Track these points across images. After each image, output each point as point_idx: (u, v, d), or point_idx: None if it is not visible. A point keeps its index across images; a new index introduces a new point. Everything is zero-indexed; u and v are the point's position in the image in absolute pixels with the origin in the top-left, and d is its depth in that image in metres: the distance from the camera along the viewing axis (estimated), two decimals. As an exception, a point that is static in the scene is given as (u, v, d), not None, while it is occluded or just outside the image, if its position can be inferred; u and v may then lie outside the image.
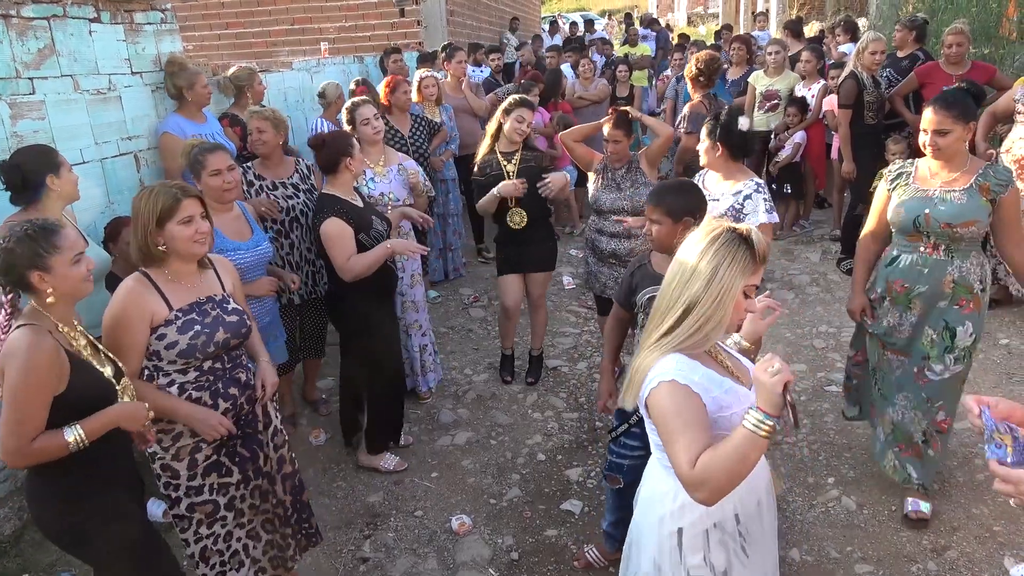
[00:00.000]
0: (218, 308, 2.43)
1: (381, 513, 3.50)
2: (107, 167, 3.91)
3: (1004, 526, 3.15)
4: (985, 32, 7.03)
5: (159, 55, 4.31)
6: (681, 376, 1.69)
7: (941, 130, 2.87)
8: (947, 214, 2.90)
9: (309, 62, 6.77)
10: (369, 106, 4.12)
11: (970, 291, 2.97)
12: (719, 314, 1.69)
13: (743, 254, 1.69)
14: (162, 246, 2.31)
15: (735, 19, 20.25)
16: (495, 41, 11.94)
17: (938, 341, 3.03)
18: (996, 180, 2.86)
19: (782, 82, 6.72)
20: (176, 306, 2.33)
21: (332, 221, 3.36)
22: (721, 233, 1.73)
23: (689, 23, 29.13)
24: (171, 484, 2.43)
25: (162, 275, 2.35)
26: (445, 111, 6.23)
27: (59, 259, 1.99)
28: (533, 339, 4.72)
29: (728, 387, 1.76)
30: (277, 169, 3.91)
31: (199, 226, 2.34)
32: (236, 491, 2.52)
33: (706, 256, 1.71)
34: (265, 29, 9.82)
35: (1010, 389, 4.20)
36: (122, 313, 2.27)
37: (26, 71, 3.42)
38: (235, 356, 2.51)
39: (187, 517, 2.46)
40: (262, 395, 2.57)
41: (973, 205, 2.87)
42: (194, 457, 2.41)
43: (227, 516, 2.51)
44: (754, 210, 3.28)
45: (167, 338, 2.29)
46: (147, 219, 2.28)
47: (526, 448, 3.98)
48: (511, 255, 4.39)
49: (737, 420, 1.65)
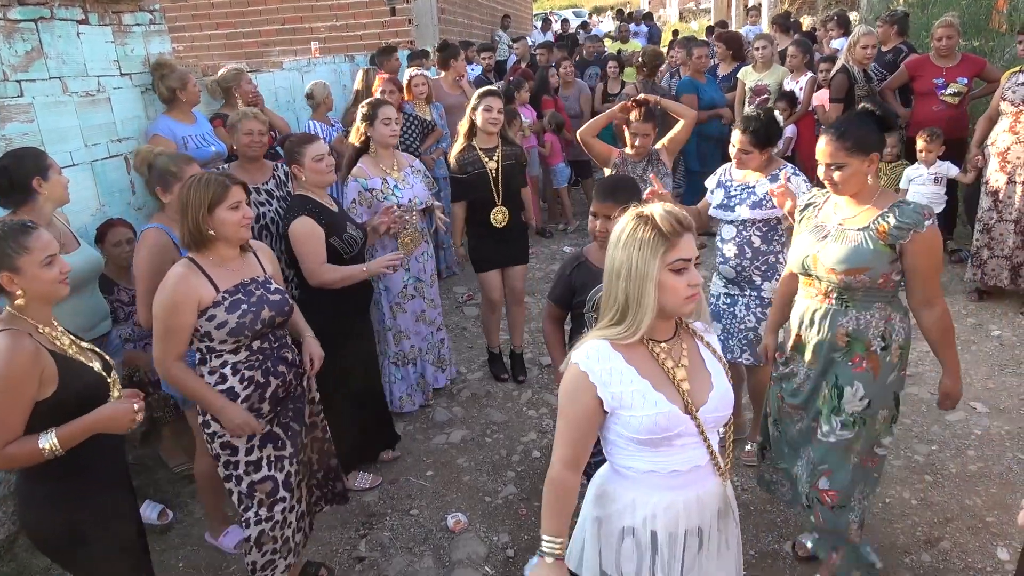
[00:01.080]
0: (262, 288, 2.56)
1: (377, 512, 3.50)
2: (97, 169, 3.89)
3: (997, 517, 3.16)
4: (975, 25, 7.04)
5: (148, 56, 4.29)
6: (584, 363, 1.71)
7: (834, 163, 2.44)
8: (833, 258, 2.45)
9: (300, 62, 6.75)
10: (391, 107, 3.95)
11: (867, 347, 2.49)
12: (644, 301, 1.66)
13: (649, 234, 1.66)
14: (211, 231, 2.43)
15: (727, 14, 20.25)
16: (486, 39, 11.94)
17: (828, 399, 2.59)
18: (898, 223, 2.35)
19: (771, 76, 6.73)
20: (223, 288, 2.45)
21: (302, 220, 3.28)
22: (625, 224, 1.71)
23: (681, 19, 29.15)
24: (230, 463, 2.55)
25: (207, 260, 2.48)
26: (436, 109, 6.22)
27: (28, 260, 1.97)
28: (514, 336, 4.72)
29: (639, 388, 1.71)
30: (255, 174, 3.76)
31: (245, 211, 2.48)
32: (290, 465, 2.65)
33: (617, 251, 1.70)
34: (256, 29, 9.79)
35: (1002, 380, 4.22)
36: (172, 297, 2.38)
37: (14, 74, 3.40)
38: (280, 336, 2.65)
39: (249, 495, 2.58)
40: (311, 367, 2.77)
41: (865, 250, 2.40)
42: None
43: (285, 497, 2.63)
44: (797, 189, 3.14)
45: (216, 318, 2.42)
46: (198, 205, 2.40)
47: (521, 445, 3.98)
48: (490, 252, 4.40)
49: (635, 424, 1.70)
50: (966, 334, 4.78)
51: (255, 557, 2.62)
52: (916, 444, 3.70)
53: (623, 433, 1.74)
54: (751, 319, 3.41)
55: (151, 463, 3.87)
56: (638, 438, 1.72)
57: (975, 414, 3.92)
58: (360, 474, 3.72)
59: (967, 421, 3.86)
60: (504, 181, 4.21)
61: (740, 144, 3.24)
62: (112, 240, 3.58)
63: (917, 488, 3.39)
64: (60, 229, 3.08)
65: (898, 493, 3.36)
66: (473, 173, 4.21)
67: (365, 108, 3.93)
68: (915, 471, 3.51)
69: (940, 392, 2.58)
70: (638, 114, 3.88)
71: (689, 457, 1.76)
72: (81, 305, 3.09)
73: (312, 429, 2.89)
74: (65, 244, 3.06)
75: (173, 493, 3.70)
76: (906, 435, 3.78)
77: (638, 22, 15.69)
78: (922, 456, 3.61)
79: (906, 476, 3.47)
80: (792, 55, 6.65)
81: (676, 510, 1.77)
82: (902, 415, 3.92)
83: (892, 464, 3.55)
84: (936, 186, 5.31)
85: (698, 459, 1.77)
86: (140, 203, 4.14)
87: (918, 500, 3.31)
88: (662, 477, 1.76)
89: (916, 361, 4.49)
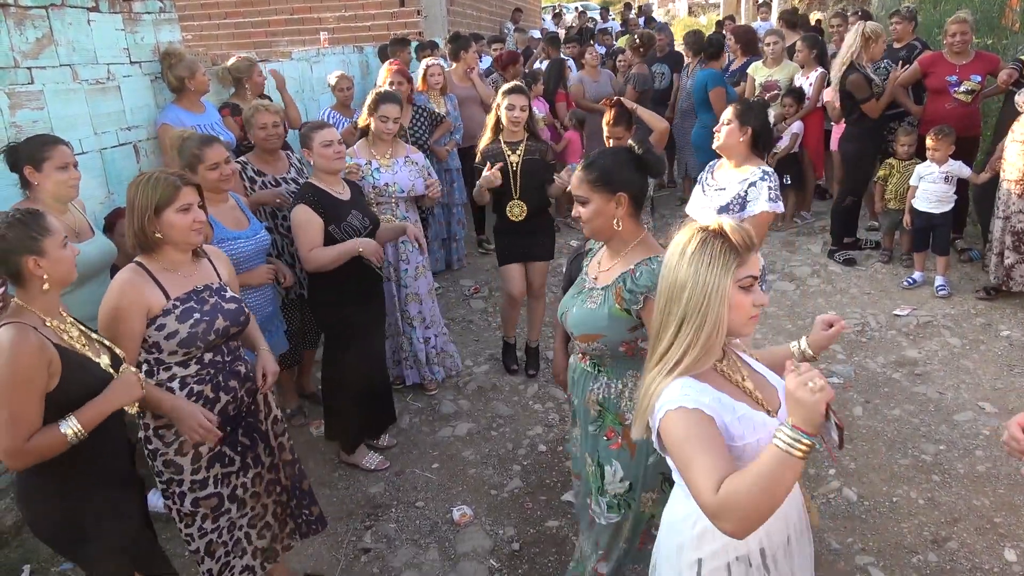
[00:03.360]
0: (216, 296, 2.41)
1: (382, 504, 3.50)
2: (106, 157, 3.89)
3: (1004, 517, 3.15)
4: (988, 22, 6.99)
5: (158, 44, 4.28)
6: (689, 401, 1.54)
7: (578, 196, 2.20)
8: (571, 319, 2.25)
9: (309, 52, 6.73)
10: (394, 105, 4.04)
11: (619, 420, 2.25)
12: (712, 320, 1.55)
13: (720, 249, 1.55)
14: (158, 234, 2.28)
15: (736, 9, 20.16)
16: (495, 31, 11.89)
17: (593, 476, 2.35)
18: (632, 286, 2.11)
19: (781, 72, 6.69)
20: (173, 295, 2.30)
21: (300, 208, 3.34)
22: (691, 238, 1.60)
23: (690, 13, 29.01)
24: (174, 480, 2.39)
25: (157, 264, 2.33)
26: (450, 101, 6.20)
27: (52, 241, 1.96)
28: (530, 331, 4.72)
29: (743, 413, 1.59)
30: (276, 164, 3.87)
31: (196, 215, 2.32)
32: (237, 479, 2.51)
33: (682, 266, 1.58)
34: (264, 19, 9.76)
35: (1011, 380, 4.20)
36: (118, 304, 2.24)
37: (24, 60, 3.40)
38: (234, 348, 2.50)
39: (192, 513, 2.43)
40: (263, 384, 2.55)
41: (600, 314, 2.16)
42: (198, 451, 2.39)
43: (231, 508, 2.50)
44: (756, 197, 3.18)
45: (167, 328, 2.27)
46: (145, 206, 2.25)
47: (527, 439, 3.98)
48: (511, 245, 4.39)
49: (751, 452, 1.53)
50: (975, 334, 4.75)
51: (210, 565, 2.50)
52: (924, 444, 3.69)
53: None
54: None
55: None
56: (751, 462, 1.56)
57: (984, 414, 3.90)
58: (369, 454, 3.75)
59: (975, 421, 3.84)
60: (523, 175, 4.20)
61: (724, 115, 3.27)
62: (121, 230, 3.58)
63: (924, 488, 3.38)
64: (76, 217, 3.07)
65: (905, 493, 3.35)
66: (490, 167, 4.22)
67: (373, 97, 4.06)
68: (922, 471, 3.49)
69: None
70: (610, 116, 3.93)
71: None
72: (93, 294, 3.08)
73: (280, 451, 2.68)
74: (80, 233, 3.05)
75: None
76: (914, 434, 3.77)
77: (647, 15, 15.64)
78: (930, 456, 3.59)
79: (913, 476, 3.46)
80: (800, 51, 6.61)
81: (784, 514, 1.67)
82: (910, 414, 3.92)
83: (899, 463, 3.54)
84: (946, 185, 5.28)
85: None
86: (149, 192, 4.13)
87: (925, 500, 3.30)
88: None
89: (924, 360, 4.48)
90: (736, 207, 3.21)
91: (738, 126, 3.21)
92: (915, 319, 5.03)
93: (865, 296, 5.47)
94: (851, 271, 5.92)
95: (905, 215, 5.54)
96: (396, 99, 4.10)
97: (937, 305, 5.19)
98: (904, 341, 4.75)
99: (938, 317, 5.01)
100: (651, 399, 1.60)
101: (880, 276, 5.81)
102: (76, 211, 3.10)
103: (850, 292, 5.55)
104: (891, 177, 5.74)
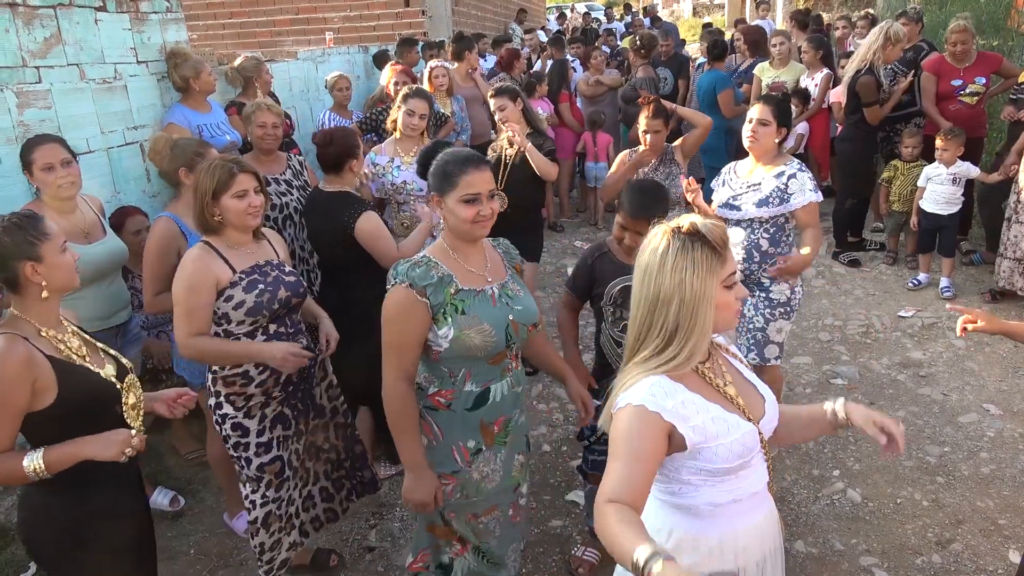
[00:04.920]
0: (276, 270, 2.59)
1: (387, 503, 3.51)
2: (113, 156, 3.91)
3: (1009, 519, 3.15)
4: (994, 24, 6.99)
5: (165, 44, 4.30)
6: (652, 402, 1.50)
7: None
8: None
9: (314, 52, 6.75)
10: (423, 101, 4.05)
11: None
12: (700, 326, 1.51)
13: (702, 253, 1.49)
14: (218, 217, 2.45)
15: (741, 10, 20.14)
16: (500, 31, 11.90)
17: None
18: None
19: (788, 73, 6.68)
20: (239, 269, 2.48)
21: (370, 215, 3.22)
22: (668, 242, 1.52)
23: (695, 14, 28.97)
24: (240, 444, 2.57)
25: (222, 243, 2.50)
26: (457, 102, 6.20)
27: (49, 246, 1.89)
28: None
29: (716, 414, 1.56)
30: (272, 165, 3.75)
31: (252, 200, 2.47)
32: (294, 444, 2.70)
33: (664, 276, 1.50)
34: (270, 19, 9.80)
35: (1016, 382, 4.20)
36: (191, 278, 2.41)
37: (32, 60, 3.41)
38: (296, 322, 2.69)
39: (257, 479, 2.60)
40: (327, 348, 2.78)
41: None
42: (264, 412, 2.59)
43: (290, 476, 2.69)
44: (800, 188, 3.25)
45: (235, 298, 2.45)
46: (204, 191, 2.42)
47: (531, 439, 3.98)
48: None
49: (724, 453, 1.52)
50: (979, 335, 4.75)
51: (263, 538, 2.65)
52: (928, 445, 3.69)
53: (706, 467, 1.57)
54: (759, 319, 3.40)
55: (163, 449, 3.89)
56: (725, 467, 1.56)
57: (988, 416, 3.90)
58: (383, 464, 3.75)
59: (980, 423, 3.84)
60: (514, 168, 4.18)
61: (760, 114, 3.28)
62: (131, 228, 3.60)
63: (929, 489, 3.37)
64: (88, 217, 3.07)
65: (910, 494, 3.35)
66: (492, 158, 4.26)
67: (404, 91, 4.14)
68: (927, 472, 3.49)
69: None
70: (648, 111, 3.90)
71: (761, 474, 1.66)
72: (104, 293, 3.10)
73: (334, 415, 2.91)
74: (91, 233, 3.06)
75: (185, 480, 3.72)
76: (918, 436, 3.76)
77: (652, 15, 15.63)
78: (934, 458, 3.59)
79: (918, 477, 3.46)
80: (805, 52, 6.60)
81: (760, 531, 1.67)
82: (915, 416, 3.92)
83: (904, 465, 3.54)
84: (954, 186, 5.27)
85: (764, 474, 1.67)
86: (155, 190, 4.15)
87: (930, 501, 3.30)
88: (745, 503, 1.63)
89: (928, 362, 4.47)
90: (776, 200, 3.26)
91: (775, 127, 3.27)
92: (920, 321, 5.02)
93: (870, 297, 5.47)
94: (856, 272, 5.92)
95: (912, 216, 5.54)
96: (426, 95, 4.13)
97: (942, 307, 5.18)
98: (909, 343, 4.75)
99: (943, 319, 5.01)
100: (621, 390, 1.57)
101: (885, 277, 5.80)
102: (88, 210, 3.09)
103: (854, 293, 5.55)
104: (895, 179, 5.74)
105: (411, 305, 2.04)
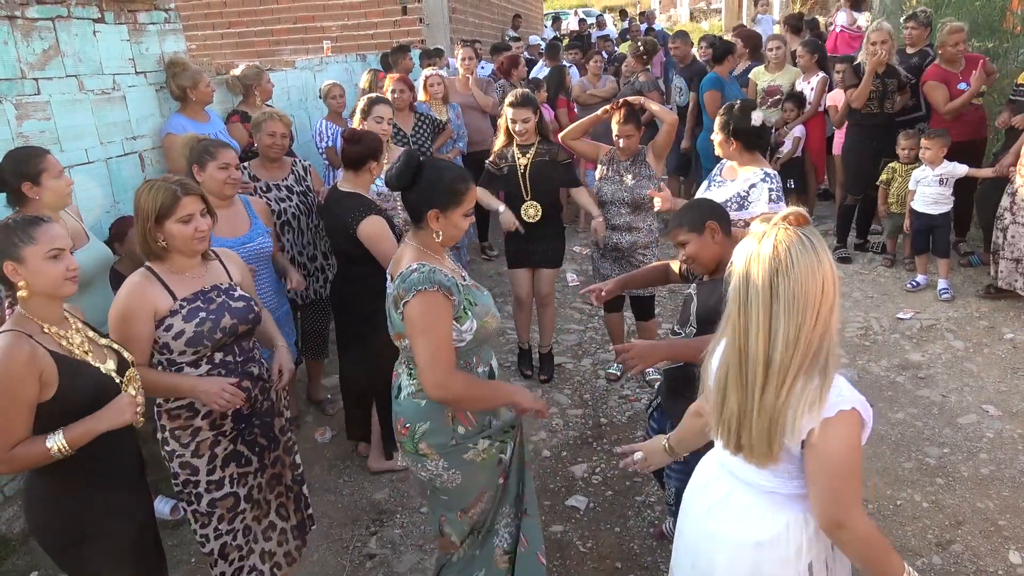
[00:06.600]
0: (224, 295, 2.44)
1: (387, 510, 3.51)
2: (112, 167, 3.92)
3: (1009, 520, 3.15)
4: (989, 26, 6.99)
5: (163, 55, 4.32)
6: (861, 405, 1.60)
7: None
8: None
9: (312, 61, 6.78)
10: (386, 106, 4.10)
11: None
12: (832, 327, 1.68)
13: (816, 242, 1.64)
14: (162, 242, 2.32)
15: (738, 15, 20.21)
16: (497, 38, 11.94)
17: None
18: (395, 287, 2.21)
19: (784, 77, 6.71)
20: (180, 296, 2.34)
21: (374, 219, 3.33)
22: (795, 239, 1.63)
23: (692, 19, 29.05)
24: (190, 482, 2.42)
25: (165, 268, 2.37)
26: (453, 109, 6.22)
27: (32, 250, 1.93)
28: (542, 336, 4.73)
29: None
30: (274, 171, 3.88)
31: (198, 224, 2.34)
32: (254, 480, 2.53)
33: (823, 265, 1.68)
34: (268, 28, 9.83)
35: (1015, 383, 4.20)
36: (126, 307, 2.29)
37: (31, 72, 3.43)
38: (246, 349, 2.51)
39: (208, 514, 2.45)
40: (279, 381, 2.57)
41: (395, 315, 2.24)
42: (213, 451, 2.42)
43: (246, 508, 2.52)
44: (758, 198, 3.32)
45: (174, 328, 2.31)
46: (147, 215, 2.29)
47: (531, 444, 3.98)
48: (520, 249, 4.42)
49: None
50: (978, 336, 4.76)
51: (223, 568, 2.52)
52: (927, 447, 3.69)
53: None
54: None
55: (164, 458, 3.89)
56: None
57: (987, 417, 3.90)
58: (397, 455, 3.73)
59: (979, 424, 3.85)
60: (532, 177, 4.23)
61: (715, 129, 3.47)
62: (133, 238, 3.60)
63: (928, 491, 3.38)
64: (71, 225, 3.09)
65: (909, 496, 3.35)
66: (503, 167, 4.29)
67: (365, 101, 4.13)
68: (926, 474, 3.49)
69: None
70: (620, 116, 3.98)
71: None
72: (94, 300, 3.11)
73: (288, 453, 2.70)
74: (75, 239, 3.08)
75: (185, 489, 3.72)
76: (917, 438, 3.77)
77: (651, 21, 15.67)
78: (934, 459, 3.60)
79: (917, 479, 3.46)
80: (801, 56, 6.62)
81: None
82: (914, 417, 3.93)
83: (903, 467, 3.55)
84: (941, 187, 5.29)
85: None
86: (154, 200, 4.16)
87: (929, 503, 3.30)
88: None
89: (927, 364, 4.48)
90: (734, 205, 3.33)
91: (724, 138, 3.40)
92: (918, 322, 5.03)
93: (868, 300, 5.48)
94: (854, 275, 5.93)
95: (905, 218, 5.56)
96: (386, 101, 4.20)
97: (940, 308, 5.19)
98: (907, 344, 4.76)
99: (941, 320, 5.02)
100: (805, 407, 1.57)
101: (883, 279, 5.81)
102: (69, 217, 3.11)
103: (853, 296, 5.56)
104: (893, 181, 5.75)
105: (445, 308, 2.17)
